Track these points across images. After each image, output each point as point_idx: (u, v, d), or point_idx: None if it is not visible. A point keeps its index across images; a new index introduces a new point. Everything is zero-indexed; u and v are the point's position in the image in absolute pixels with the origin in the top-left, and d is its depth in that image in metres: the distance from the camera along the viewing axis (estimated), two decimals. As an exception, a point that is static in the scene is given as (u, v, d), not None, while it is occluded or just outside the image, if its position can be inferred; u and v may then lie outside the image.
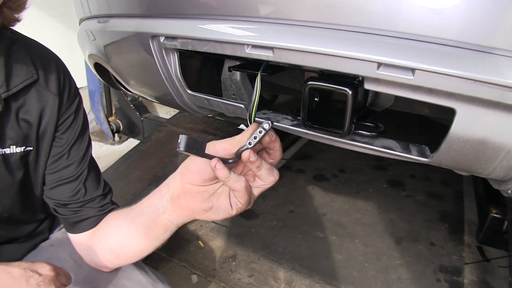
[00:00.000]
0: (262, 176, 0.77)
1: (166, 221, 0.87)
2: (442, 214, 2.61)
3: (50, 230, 1.22)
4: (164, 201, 0.86)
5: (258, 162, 0.74)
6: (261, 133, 0.71)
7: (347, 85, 0.83)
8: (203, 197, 0.81)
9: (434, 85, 0.71)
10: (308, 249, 2.31)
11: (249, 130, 0.75)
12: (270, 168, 0.77)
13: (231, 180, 0.74)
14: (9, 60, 0.89)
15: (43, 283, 0.73)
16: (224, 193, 0.81)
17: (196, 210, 0.82)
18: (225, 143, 0.76)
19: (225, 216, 0.81)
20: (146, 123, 3.63)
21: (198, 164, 0.78)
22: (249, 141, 0.72)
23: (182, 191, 0.82)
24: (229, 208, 0.79)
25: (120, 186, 2.57)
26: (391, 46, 0.73)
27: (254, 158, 0.73)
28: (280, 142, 0.78)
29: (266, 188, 0.80)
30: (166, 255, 2.27)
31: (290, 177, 3.07)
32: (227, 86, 1.18)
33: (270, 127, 0.71)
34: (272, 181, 0.78)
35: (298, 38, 0.81)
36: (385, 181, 2.99)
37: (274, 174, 0.78)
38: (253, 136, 0.72)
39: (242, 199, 0.77)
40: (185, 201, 0.82)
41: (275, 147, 0.78)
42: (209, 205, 0.81)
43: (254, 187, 0.80)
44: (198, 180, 0.79)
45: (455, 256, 2.25)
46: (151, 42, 1.15)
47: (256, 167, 0.75)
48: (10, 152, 0.93)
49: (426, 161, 0.85)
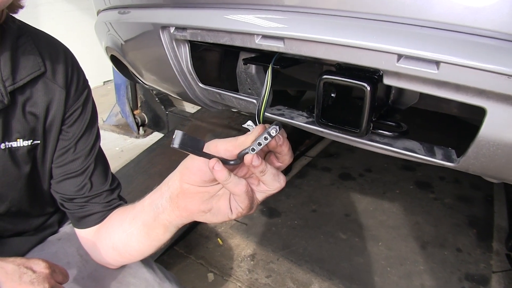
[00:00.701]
0: (266, 182, 0.72)
1: (165, 221, 0.84)
2: (471, 219, 2.50)
3: (59, 224, 1.21)
4: (163, 200, 0.83)
5: (262, 167, 0.68)
6: (266, 140, 0.65)
7: (365, 80, 0.76)
8: (202, 198, 0.77)
9: (461, 81, 0.63)
10: (329, 251, 2.25)
11: (255, 132, 0.70)
12: (275, 173, 0.71)
13: (231, 183, 0.68)
14: (15, 52, 0.87)
15: (37, 280, 0.71)
16: (225, 195, 0.76)
17: (194, 212, 0.78)
18: (227, 144, 0.71)
19: (224, 220, 0.77)
20: (171, 117, 3.63)
21: (198, 164, 0.73)
22: (252, 147, 0.66)
23: (181, 191, 0.78)
24: (228, 212, 0.75)
25: (141, 180, 2.57)
26: (412, 36, 0.65)
27: (258, 162, 0.67)
28: (290, 145, 0.72)
29: (271, 194, 0.75)
30: (183, 251, 2.25)
31: (315, 175, 3.00)
32: (243, 80, 1.12)
33: (277, 132, 0.65)
34: (277, 188, 0.73)
35: (310, 27, 0.74)
36: (413, 182, 2.88)
37: (280, 180, 0.72)
38: (257, 142, 0.66)
39: (242, 204, 0.72)
40: (184, 201, 0.79)
41: (282, 151, 0.72)
42: (208, 207, 0.77)
43: (258, 192, 0.75)
44: (198, 181, 0.75)
45: (483, 264, 2.14)
46: (161, 33, 1.11)
47: (259, 172, 0.69)
48: (17, 145, 0.91)
49: (452, 166, 0.77)
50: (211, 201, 0.77)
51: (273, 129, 0.65)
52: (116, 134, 3.90)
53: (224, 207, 0.75)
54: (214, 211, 0.76)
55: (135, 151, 3.38)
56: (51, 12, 4.60)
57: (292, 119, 0.98)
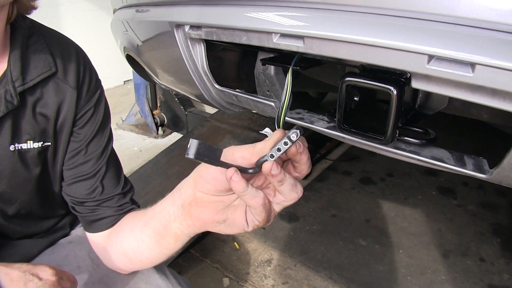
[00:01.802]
0: (283, 192, 0.67)
1: (177, 230, 0.80)
2: (495, 227, 2.42)
3: (71, 226, 1.19)
4: (175, 208, 0.79)
5: (280, 176, 0.64)
6: (286, 145, 0.60)
7: (391, 83, 0.71)
8: (216, 208, 0.73)
9: (499, 85, 0.57)
10: (348, 258, 2.19)
11: (273, 137, 0.65)
12: (293, 184, 0.66)
13: (248, 195, 0.64)
14: (26, 52, 0.85)
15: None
16: (241, 206, 0.72)
17: (208, 222, 0.74)
18: (244, 151, 0.67)
19: (239, 232, 0.73)
20: (191, 118, 3.61)
21: (213, 173, 0.69)
22: (271, 153, 0.61)
23: (194, 199, 0.74)
24: (244, 225, 0.71)
25: (159, 181, 2.55)
26: (445, 35, 0.59)
27: (277, 171, 0.63)
28: (309, 155, 0.67)
29: (287, 205, 0.70)
30: (199, 255, 2.22)
31: (335, 179, 2.95)
32: (261, 81, 1.08)
33: (298, 137, 0.60)
34: (295, 199, 0.68)
35: (332, 25, 0.69)
36: (435, 188, 2.81)
37: (298, 190, 0.67)
38: (276, 148, 0.61)
39: (259, 217, 0.68)
40: (196, 210, 0.74)
41: (301, 160, 0.67)
42: (222, 217, 0.72)
43: (274, 203, 0.70)
44: (212, 190, 0.71)
45: (507, 274, 2.07)
46: (175, 31, 1.07)
47: (278, 181, 0.65)
48: (27, 147, 0.90)
49: (484, 177, 0.71)
50: (226, 211, 0.73)
51: (294, 134, 0.60)
52: (135, 134, 3.91)
53: (239, 219, 0.71)
54: (229, 223, 0.73)
55: (153, 151, 3.38)
56: (72, 11, 4.66)
57: (312, 124, 0.93)
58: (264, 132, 0.72)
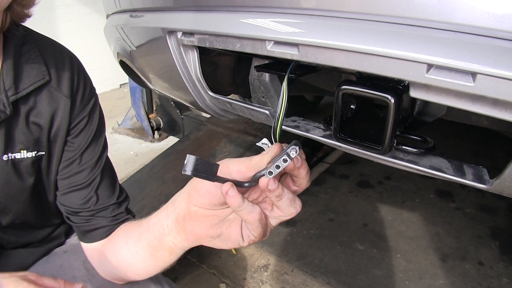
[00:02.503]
0: (281, 207, 0.65)
1: (171, 243, 0.78)
2: (494, 230, 2.40)
3: (66, 235, 1.18)
4: (169, 221, 0.77)
5: (278, 191, 0.62)
6: (285, 162, 0.59)
7: (389, 91, 0.69)
8: (211, 222, 0.71)
9: (501, 95, 0.55)
10: (346, 262, 2.18)
11: (270, 152, 0.63)
12: (292, 199, 0.65)
13: (244, 210, 0.62)
14: (19, 60, 0.85)
15: None
16: (236, 220, 0.70)
17: (202, 236, 0.73)
18: (240, 165, 0.65)
19: (234, 247, 0.71)
20: (187, 121, 3.59)
21: (207, 186, 0.67)
22: (269, 170, 0.59)
23: (188, 213, 0.72)
24: (240, 239, 0.69)
25: (155, 186, 2.54)
26: (444, 43, 0.57)
27: (274, 186, 0.61)
28: (308, 168, 0.65)
29: (285, 220, 0.68)
30: (196, 260, 2.20)
31: (332, 182, 2.93)
32: (256, 87, 1.06)
33: (297, 153, 0.59)
34: (293, 213, 0.66)
35: (327, 32, 0.67)
36: (433, 190, 2.79)
37: (296, 205, 0.66)
38: (275, 165, 0.59)
39: (255, 232, 0.66)
40: (191, 224, 0.73)
41: (300, 175, 0.65)
42: (217, 232, 0.71)
43: (271, 217, 0.69)
44: (206, 204, 0.69)
45: (505, 278, 2.05)
46: (168, 38, 1.05)
47: (275, 196, 0.63)
48: (21, 157, 0.89)
49: (484, 187, 0.69)
50: (220, 225, 0.71)
51: (293, 150, 0.59)
52: (131, 138, 3.89)
53: (235, 233, 0.69)
54: (224, 237, 0.71)
55: (149, 155, 3.36)
56: (68, 14, 4.64)
57: (308, 132, 0.91)
58: (261, 144, 0.70)
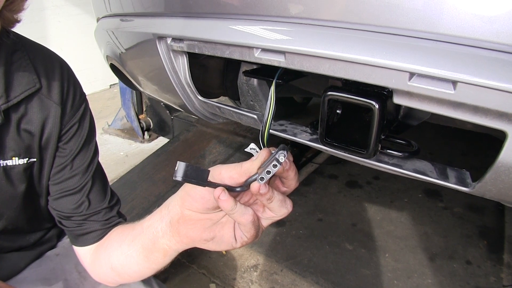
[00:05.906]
0: (273, 208, 0.68)
1: (165, 246, 0.80)
2: (481, 229, 2.43)
3: (58, 238, 1.19)
4: (163, 224, 0.79)
5: (269, 194, 0.65)
6: (275, 167, 0.61)
7: (373, 97, 0.71)
8: (204, 225, 0.74)
9: (481, 103, 0.57)
10: (334, 262, 2.19)
11: (260, 157, 0.66)
12: (282, 200, 0.68)
13: (237, 212, 0.65)
14: (10, 68, 0.84)
15: None
16: (228, 223, 0.73)
17: (196, 239, 0.75)
18: (232, 171, 0.67)
19: (227, 249, 0.73)
20: (176, 122, 3.59)
21: (200, 191, 0.69)
22: (261, 176, 0.62)
23: (182, 217, 0.74)
24: (233, 241, 0.72)
25: (145, 187, 2.53)
26: (426, 52, 0.59)
27: (265, 190, 0.64)
28: (296, 170, 0.68)
29: (277, 220, 0.72)
30: (186, 260, 2.20)
31: (321, 182, 2.95)
32: (244, 91, 1.07)
33: (286, 158, 0.62)
34: (284, 213, 0.69)
35: (313, 41, 0.68)
36: (422, 190, 2.81)
37: (287, 205, 0.69)
38: (266, 171, 0.62)
39: (248, 233, 0.69)
40: (184, 228, 0.75)
41: (289, 176, 0.69)
42: (211, 235, 0.73)
43: (263, 219, 0.72)
44: (200, 208, 0.71)
45: (493, 277, 2.08)
46: (158, 43, 1.06)
47: (266, 199, 0.66)
48: (12, 164, 0.89)
49: (466, 190, 0.71)
50: (213, 228, 0.73)
51: (281, 155, 0.61)
52: (121, 139, 3.87)
53: (228, 236, 0.72)
54: (217, 240, 0.73)
55: (140, 156, 3.35)
56: (58, 15, 4.60)
57: (295, 136, 0.93)
58: (249, 149, 0.72)
